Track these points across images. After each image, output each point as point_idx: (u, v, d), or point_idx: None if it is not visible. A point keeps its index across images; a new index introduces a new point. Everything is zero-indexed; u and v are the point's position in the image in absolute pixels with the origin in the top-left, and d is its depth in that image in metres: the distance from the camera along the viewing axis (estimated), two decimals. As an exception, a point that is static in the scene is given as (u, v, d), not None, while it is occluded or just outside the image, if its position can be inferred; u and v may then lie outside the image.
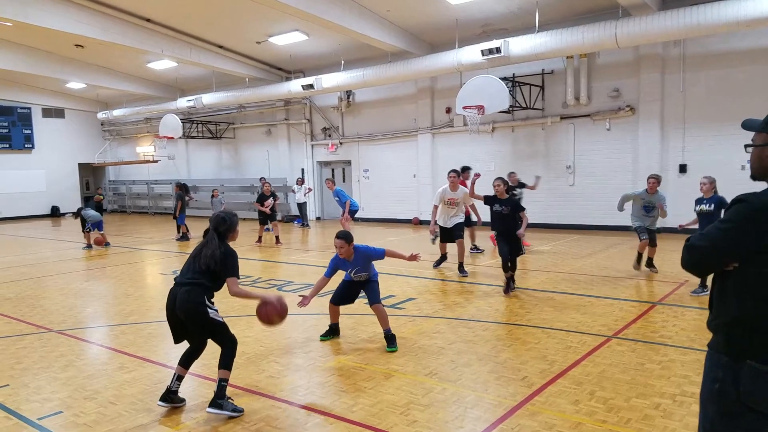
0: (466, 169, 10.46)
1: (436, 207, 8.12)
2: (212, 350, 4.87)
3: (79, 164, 24.32)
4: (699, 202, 6.66)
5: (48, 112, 23.24)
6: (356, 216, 17.09)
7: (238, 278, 3.70)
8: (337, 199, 11.84)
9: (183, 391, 3.99)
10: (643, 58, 12.22)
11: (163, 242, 13.55)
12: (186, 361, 3.79)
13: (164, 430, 3.46)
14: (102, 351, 5.19)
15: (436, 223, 8.27)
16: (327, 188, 12.88)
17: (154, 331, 5.71)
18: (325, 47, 15.07)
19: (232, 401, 3.67)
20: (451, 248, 8.43)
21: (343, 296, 5.14)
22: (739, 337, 1.75)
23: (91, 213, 12.34)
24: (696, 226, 6.58)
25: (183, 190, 13.78)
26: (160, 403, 3.69)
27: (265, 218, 12.60)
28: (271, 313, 3.74)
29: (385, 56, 14.26)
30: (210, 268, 3.61)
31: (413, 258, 5.07)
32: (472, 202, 8.08)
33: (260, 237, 12.70)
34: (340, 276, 5.17)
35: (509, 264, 6.85)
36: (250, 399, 3.87)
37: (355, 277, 5.02)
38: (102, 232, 12.55)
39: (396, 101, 16.17)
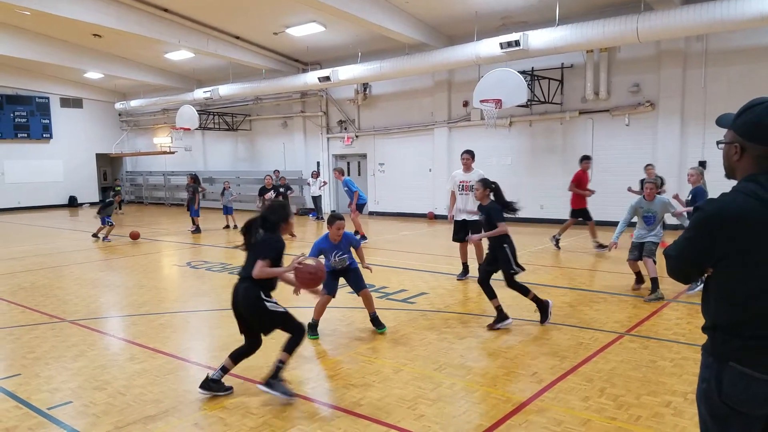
0: (586, 158, 9.78)
1: (453, 194, 7.55)
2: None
3: (97, 154, 24.62)
4: (690, 194, 6.92)
5: (66, 102, 23.53)
6: (371, 210, 17.15)
7: (268, 261, 3.63)
8: (346, 189, 11.57)
9: (192, 381, 4.02)
10: (664, 53, 11.97)
11: (178, 234, 13.68)
12: (237, 357, 3.79)
13: (172, 421, 3.48)
14: (114, 341, 5.23)
15: (462, 221, 7.41)
16: (335, 179, 12.45)
17: (166, 322, 5.75)
18: (342, 39, 15.00)
19: (285, 384, 3.67)
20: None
21: (330, 287, 5.06)
22: (720, 340, 1.78)
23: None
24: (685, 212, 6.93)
25: (196, 181, 13.83)
26: (201, 390, 3.73)
27: None
28: (303, 282, 3.78)
29: (403, 48, 14.15)
30: (256, 255, 3.63)
31: (366, 267, 5.14)
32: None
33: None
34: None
35: (507, 283, 5.31)
36: (259, 391, 3.86)
37: (338, 262, 5.01)
38: (105, 225, 12.31)
39: (413, 94, 16.06)
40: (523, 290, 5.31)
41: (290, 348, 3.68)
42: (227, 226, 14.43)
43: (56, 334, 5.36)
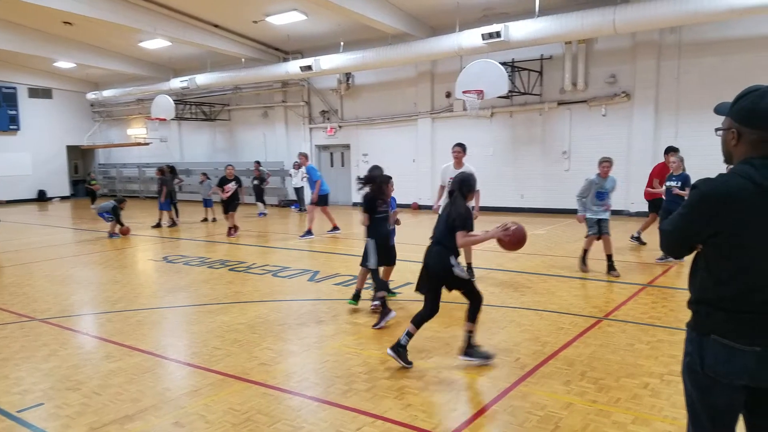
0: (671, 150, 8.40)
1: (441, 187, 7.27)
2: (219, 347, 4.78)
3: (68, 147, 23.87)
4: (669, 178, 7.47)
5: (35, 93, 22.73)
6: (355, 201, 16.97)
7: (467, 231, 3.95)
8: (307, 176, 11.07)
9: (170, 379, 3.93)
10: (639, 45, 12.21)
11: (153, 227, 13.35)
12: (418, 321, 4.04)
13: (151, 420, 3.37)
14: (87, 340, 5.06)
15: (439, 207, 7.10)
16: (303, 165, 11.56)
17: (143, 318, 5.59)
18: (324, 28, 14.80)
19: (480, 349, 4.08)
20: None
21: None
22: (704, 315, 1.86)
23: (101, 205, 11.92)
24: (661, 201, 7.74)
25: (168, 173, 13.37)
26: (390, 351, 4.02)
27: (227, 206, 11.35)
28: (510, 245, 3.86)
29: (386, 38, 14.05)
30: (455, 225, 3.94)
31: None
32: (478, 187, 7.11)
33: (234, 227, 11.30)
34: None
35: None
36: (241, 387, 3.80)
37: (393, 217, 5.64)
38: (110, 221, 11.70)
39: (396, 85, 15.99)
40: (378, 284, 5.34)
41: (472, 317, 4.06)
42: (205, 219, 14.16)
43: (26, 333, 5.16)
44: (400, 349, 4.00)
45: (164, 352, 4.61)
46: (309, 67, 15.06)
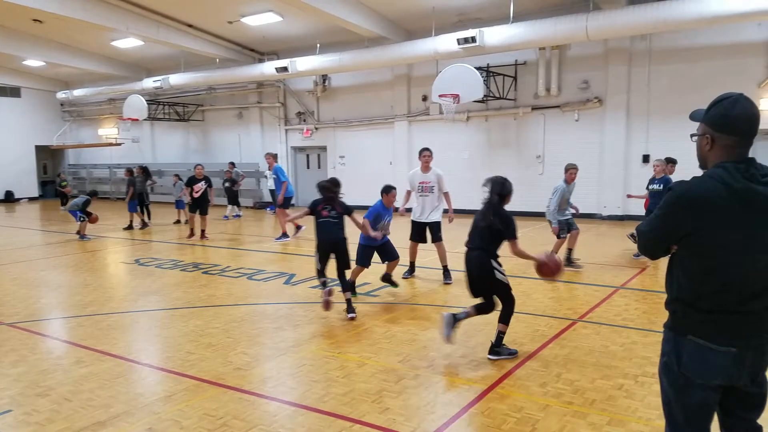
0: (669, 161, 7.99)
1: (408, 192, 7.35)
2: (193, 351, 4.71)
3: (36, 147, 23.13)
4: (651, 181, 7.77)
5: (2, 91, 21.95)
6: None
7: (517, 238, 4.15)
8: (274, 177, 10.93)
9: (143, 384, 3.87)
10: (611, 52, 12.51)
11: (125, 229, 13.03)
12: (478, 309, 4.29)
13: (124, 426, 3.30)
14: (57, 345, 4.92)
15: (407, 210, 7.35)
16: (269, 166, 11.30)
17: (115, 322, 5.46)
18: (300, 29, 14.73)
19: (506, 347, 4.27)
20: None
21: (366, 259, 6.16)
22: (680, 315, 1.91)
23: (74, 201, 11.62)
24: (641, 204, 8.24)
25: (145, 174, 13.11)
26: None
27: (194, 205, 11.01)
28: (548, 273, 4.16)
29: (362, 41, 14.05)
30: (492, 228, 4.10)
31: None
32: (447, 189, 7.05)
33: (192, 231, 11.09)
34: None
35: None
36: (217, 392, 3.74)
37: (386, 226, 6.09)
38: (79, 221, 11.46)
39: (373, 87, 16.00)
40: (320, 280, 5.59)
41: (505, 319, 4.22)
42: (178, 221, 13.90)
43: (-8, 338, 4.99)
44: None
45: (137, 356, 4.51)
46: (285, 69, 14.95)
